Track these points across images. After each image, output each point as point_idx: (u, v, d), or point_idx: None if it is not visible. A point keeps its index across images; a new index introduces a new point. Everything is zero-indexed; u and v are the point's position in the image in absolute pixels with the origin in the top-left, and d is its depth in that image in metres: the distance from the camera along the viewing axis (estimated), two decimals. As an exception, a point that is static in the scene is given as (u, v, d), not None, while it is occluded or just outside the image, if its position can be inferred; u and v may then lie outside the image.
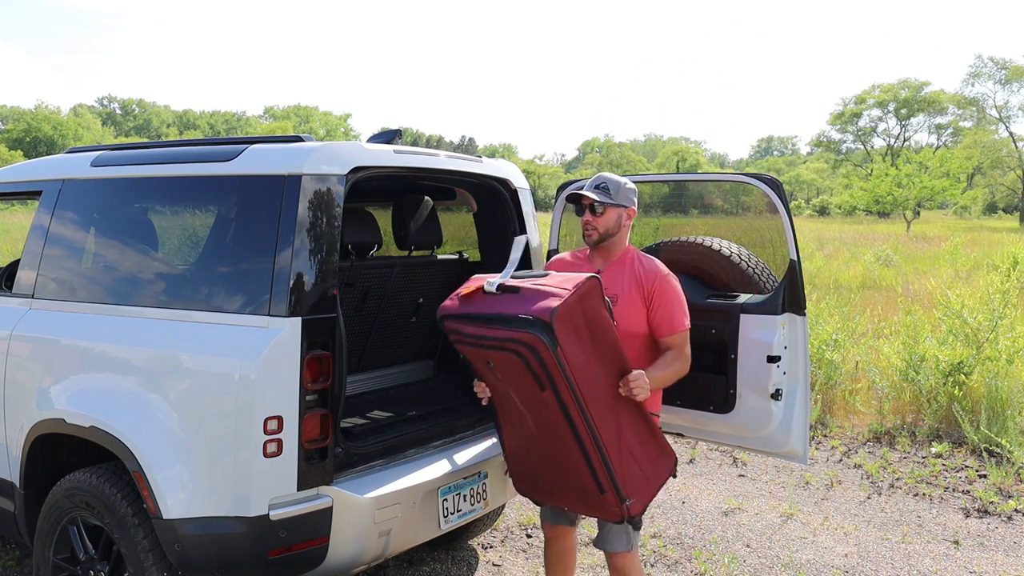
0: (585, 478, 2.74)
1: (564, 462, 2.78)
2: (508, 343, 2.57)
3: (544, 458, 2.87)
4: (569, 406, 2.60)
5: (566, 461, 2.77)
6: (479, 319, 2.67)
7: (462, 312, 2.75)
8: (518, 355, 2.56)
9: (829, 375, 6.92)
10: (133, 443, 2.82)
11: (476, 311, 2.70)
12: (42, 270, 3.44)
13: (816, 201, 77.17)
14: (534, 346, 2.50)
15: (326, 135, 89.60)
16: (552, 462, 2.84)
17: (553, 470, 2.86)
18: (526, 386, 2.66)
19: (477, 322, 2.68)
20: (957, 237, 22.76)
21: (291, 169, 2.81)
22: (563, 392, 2.58)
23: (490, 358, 2.69)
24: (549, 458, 2.84)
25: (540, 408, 2.70)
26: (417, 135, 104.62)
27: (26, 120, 71.17)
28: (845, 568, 4.21)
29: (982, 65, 61.59)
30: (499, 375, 2.75)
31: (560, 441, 2.73)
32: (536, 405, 2.71)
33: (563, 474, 2.83)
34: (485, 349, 2.68)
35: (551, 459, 2.83)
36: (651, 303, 2.98)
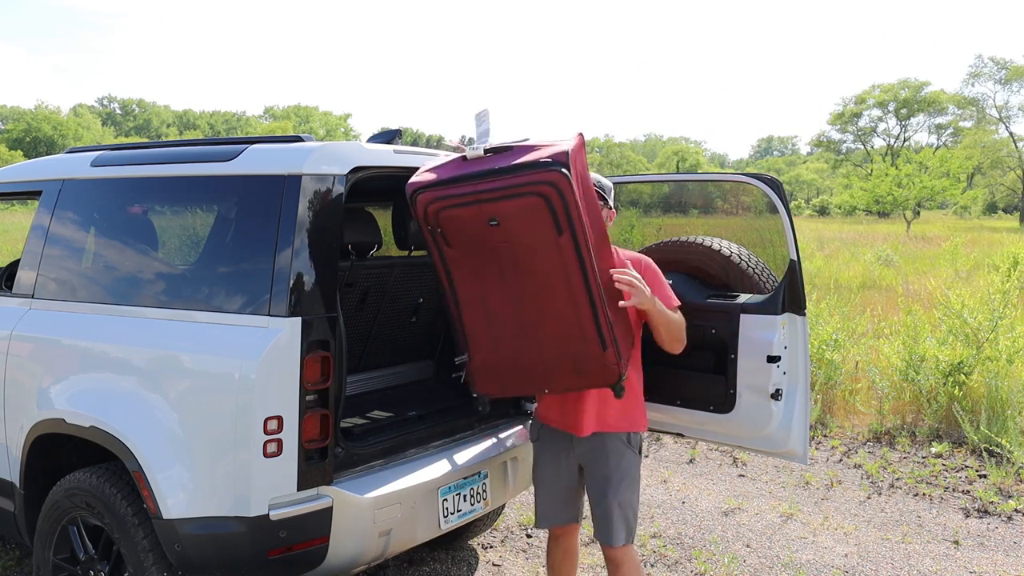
0: (590, 333, 2.64)
1: (563, 325, 2.66)
2: (528, 186, 2.48)
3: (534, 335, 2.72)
4: (583, 249, 2.54)
5: (566, 323, 2.66)
6: (476, 177, 2.55)
7: (447, 177, 2.60)
8: (541, 196, 2.47)
9: (829, 375, 6.92)
10: (133, 443, 2.82)
11: (471, 171, 2.57)
12: (42, 270, 3.44)
13: (816, 201, 77.15)
14: (559, 184, 2.45)
15: (326, 135, 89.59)
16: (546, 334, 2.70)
17: (546, 346, 2.72)
18: (535, 236, 2.54)
19: (474, 180, 2.55)
20: (957, 237, 22.76)
21: (291, 169, 2.81)
22: (579, 234, 2.52)
23: (496, 213, 2.53)
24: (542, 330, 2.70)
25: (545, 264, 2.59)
26: (417, 135, 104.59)
27: (26, 120, 71.16)
28: (845, 568, 4.21)
29: (982, 65, 61.62)
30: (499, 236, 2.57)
31: (562, 300, 2.63)
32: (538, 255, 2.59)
33: (559, 342, 2.70)
34: (489, 203, 2.52)
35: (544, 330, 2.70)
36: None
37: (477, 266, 2.71)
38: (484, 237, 2.62)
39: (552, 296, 2.65)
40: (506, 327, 2.76)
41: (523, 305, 2.70)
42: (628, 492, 3.03)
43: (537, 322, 2.71)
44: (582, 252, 2.56)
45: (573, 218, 2.51)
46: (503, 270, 2.68)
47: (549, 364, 2.76)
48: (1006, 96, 77.54)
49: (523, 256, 2.62)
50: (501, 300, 2.73)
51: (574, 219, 2.51)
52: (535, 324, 2.71)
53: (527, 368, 2.80)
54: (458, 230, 2.66)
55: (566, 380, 2.82)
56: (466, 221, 2.62)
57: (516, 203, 2.52)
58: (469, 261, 2.71)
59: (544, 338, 2.72)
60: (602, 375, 2.74)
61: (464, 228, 2.64)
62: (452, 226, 2.66)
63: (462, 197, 2.57)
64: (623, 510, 3.02)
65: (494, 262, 2.67)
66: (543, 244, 2.57)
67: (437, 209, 2.62)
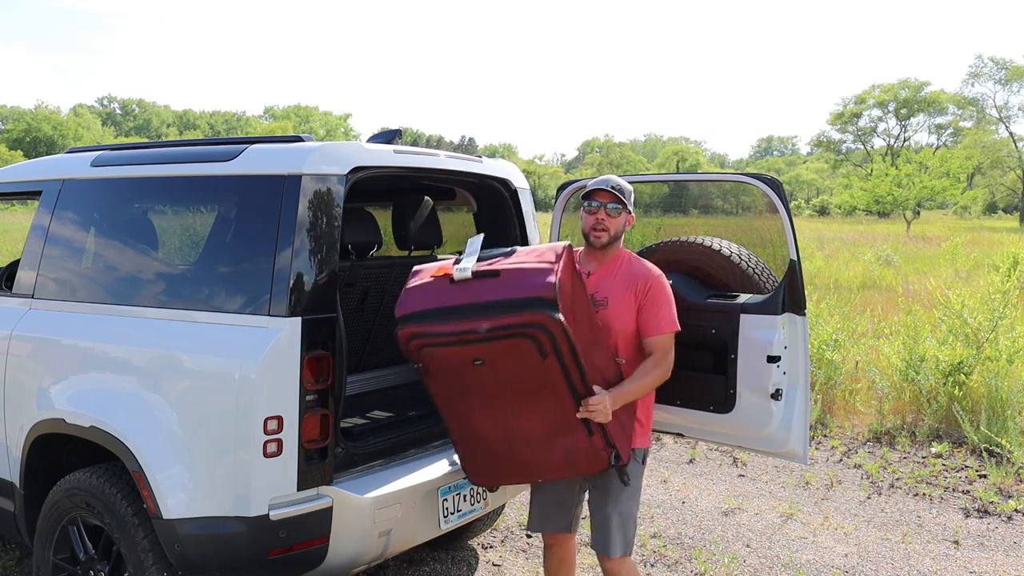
0: (576, 427, 2.70)
1: (550, 425, 2.70)
2: (515, 329, 2.48)
3: (523, 440, 2.75)
4: (569, 365, 2.58)
5: (553, 422, 2.70)
6: (461, 314, 2.53)
7: (432, 309, 2.59)
8: (530, 338, 2.49)
9: (829, 375, 6.92)
10: (133, 443, 2.82)
11: (457, 303, 2.55)
12: (42, 270, 3.44)
13: (816, 201, 77.16)
14: (546, 325, 2.47)
15: (326, 135, 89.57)
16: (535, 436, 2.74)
17: (534, 443, 2.75)
18: (521, 366, 2.56)
19: (459, 318, 2.53)
20: (957, 237, 22.76)
21: (291, 169, 2.81)
22: (565, 355, 2.55)
23: (480, 354, 2.54)
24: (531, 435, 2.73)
25: (530, 380, 2.60)
26: (417, 135, 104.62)
27: (26, 120, 71.16)
28: (845, 568, 4.21)
29: (982, 65, 61.62)
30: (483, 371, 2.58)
31: (548, 405, 2.66)
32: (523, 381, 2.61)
33: (548, 440, 2.74)
34: (473, 344, 2.52)
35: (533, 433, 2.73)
36: (641, 302, 2.95)
37: (460, 393, 2.73)
38: (467, 375, 2.64)
39: (538, 404, 2.69)
40: (495, 440, 2.80)
41: (510, 419, 2.73)
42: (628, 503, 3.00)
43: (525, 429, 2.74)
44: (567, 367, 2.59)
45: (559, 346, 2.52)
46: (486, 395, 2.69)
47: (540, 461, 2.81)
48: (1006, 96, 77.67)
49: (507, 382, 2.63)
50: (487, 420, 2.76)
51: (560, 346, 2.53)
52: (523, 431, 2.75)
53: (520, 468, 2.88)
54: (440, 367, 2.66)
55: (559, 471, 2.87)
56: (449, 358, 2.62)
57: (502, 344, 2.52)
58: (452, 389, 2.74)
59: (533, 440, 2.76)
60: (591, 462, 2.80)
61: (447, 364, 2.64)
62: (434, 362, 2.65)
63: (446, 337, 2.56)
64: (622, 520, 2.99)
65: (477, 391, 2.69)
66: (529, 369, 2.58)
67: (419, 345, 2.62)
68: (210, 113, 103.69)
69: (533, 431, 2.74)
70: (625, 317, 2.95)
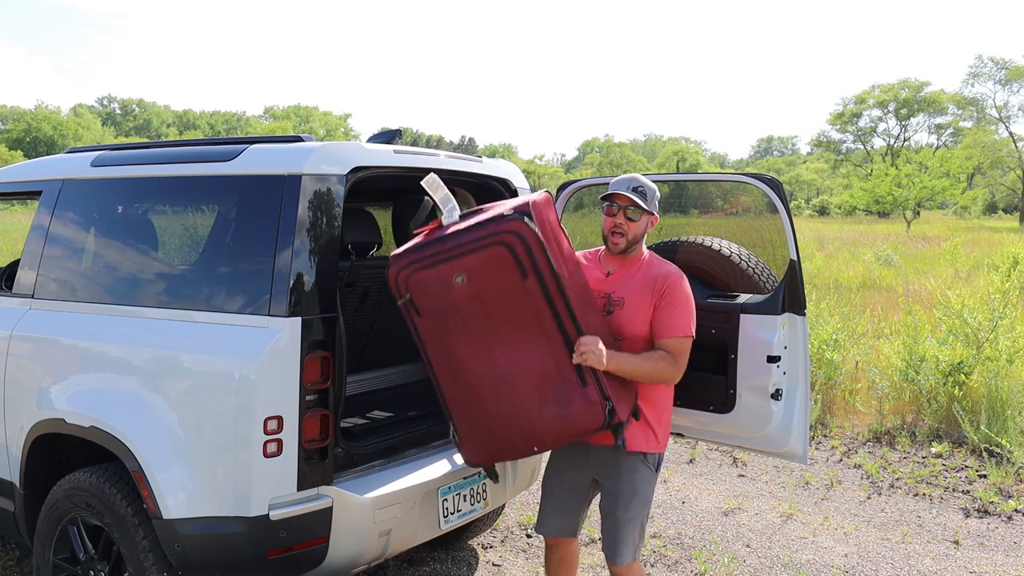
0: (567, 371, 2.65)
1: (539, 365, 2.67)
2: (490, 238, 2.58)
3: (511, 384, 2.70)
4: (553, 293, 2.61)
5: (543, 363, 2.66)
6: (444, 238, 2.66)
7: (418, 243, 2.72)
8: (504, 244, 2.57)
9: (829, 375, 6.92)
10: (133, 443, 2.82)
11: (441, 234, 2.69)
12: (42, 270, 3.44)
13: (816, 201, 77.13)
14: (520, 232, 2.56)
15: (326, 135, 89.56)
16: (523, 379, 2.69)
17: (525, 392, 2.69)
18: (502, 283, 2.61)
19: (443, 240, 2.65)
20: (957, 237, 22.76)
21: (291, 169, 2.81)
22: (547, 278, 2.60)
23: (462, 268, 2.61)
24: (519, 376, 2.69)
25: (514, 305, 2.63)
26: (417, 135, 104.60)
27: (26, 120, 71.18)
28: (845, 568, 4.21)
29: (982, 65, 61.59)
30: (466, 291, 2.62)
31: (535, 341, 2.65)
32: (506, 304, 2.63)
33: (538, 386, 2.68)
34: (456, 259, 2.61)
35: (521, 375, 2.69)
36: (657, 303, 2.86)
37: (444, 329, 2.72)
38: (450, 297, 2.66)
39: (525, 338, 2.67)
40: (482, 384, 2.73)
41: (495, 355, 2.70)
42: (638, 509, 2.96)
43: (513, 368, 2.69)
44: (551, 294, 2.62)
45: (538, 262, 2.59)
46: (468, 328, 2.69)
47: (532, 415, 2.70)
48: (1006, 96, 77.56)
49: (493, 307, 2.65)
50: (474, 357, 2.72)
51: (539, 263, 2.59)
52: (511, 371, 2.70)
53: (511, 423, 2.73)
54: (425, 294, 2.69)
55: (552, 427, 2.71)
56: (432, 282, 2.67)
57: (480, 256, 2.60)
58: (437, 326, 2.73)
59: (522, 384, 2.69)
60: (586, 416, 2.67)
61: (430, 290, 2.68)
62: (420, 291, 2.69)
63: (429, 258, 2.66)
64: (631, 527, 2.97)
65: (460, 320, 2.69)
66: (511, 290, 2.63)
67: (407, 275, 2.69)
68: (210, 113, 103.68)
69: (522, 374, 2.68)
70: (641, 319, 2.87)
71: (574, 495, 3.11)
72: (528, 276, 2.60)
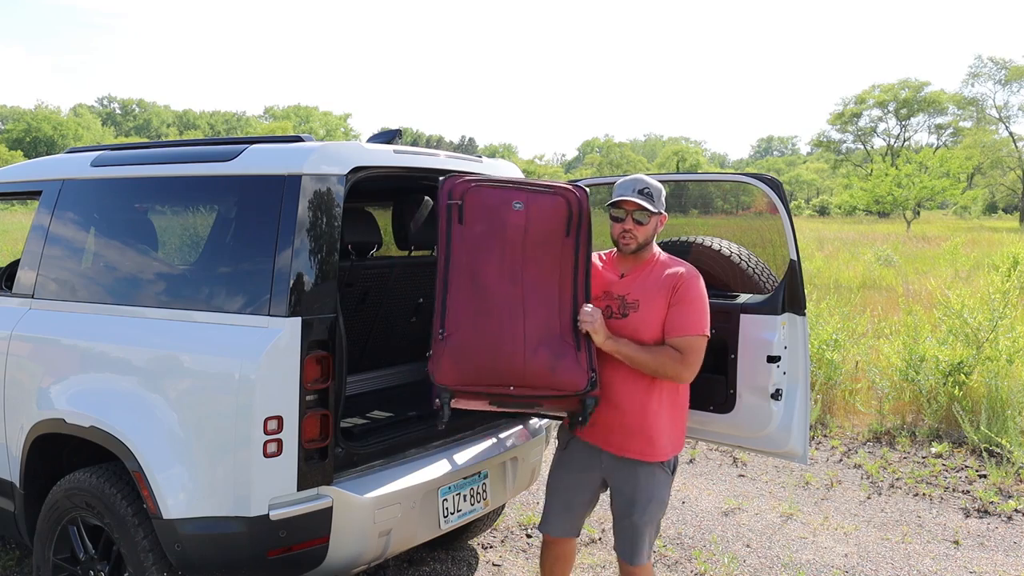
0: (568, 331, 2.82)
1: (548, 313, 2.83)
2: (556, 191, 2.89)
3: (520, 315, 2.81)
4: (580, 255, 2.89)
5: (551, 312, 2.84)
6: (513, 180, 2.98)
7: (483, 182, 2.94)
8: (565, 199, 2.87)
9: (829, 375, 6.92)
10: (133, 443, 2.82)
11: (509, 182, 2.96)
12: (42, 270, 3.44)
13: (816, 201, 77.13)
14: (580, 197, 2.89)
15: (326, 135, 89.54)
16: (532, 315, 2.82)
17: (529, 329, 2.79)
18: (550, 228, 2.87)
19: (512, 180, 2.96)
20: (957, 237, 22.77)
21: (291, 169, 2.82)
22: (581, 243, 2.88)
23: (524, 199, 2.87)
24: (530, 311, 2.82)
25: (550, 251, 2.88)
26: (417, 135, 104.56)
27: (26, 120, 71.16)
28: (845, 568, 4.21)
29: (982, 65, 61.55)
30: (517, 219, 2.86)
31: (553, 290, 2.86)
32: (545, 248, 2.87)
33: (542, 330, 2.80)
34: (520, 191, 2.88)
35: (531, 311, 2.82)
36: (671, 300, 2.85)
37: (482, 242, 2.87)
38: (501, 218, 2.86)
39: (546, 285, 2.87)
40: (500, 303, 2.83)
41: (516, 285, 2.86)
42: (655, 513, 2.96)
43: (527, 301, 2.84)
44: (579, 256, 2.89)
45: (581, 229, 2.89)
46: (505, 251, 2.86)
47: (528, 352, 2.77)
48: (1006, 96, 77.56)
49: (531, 243, 2.87)
50: (496, 277, 2.85)
51: (582, 230, 2.89)
52: (525, 302, 2.84)
53: (504, 353, 2.77)
54: (478, 207, 2.89)
55: (538, 371, 2.76)
56: (490, 200, 2.89)
57: (543, 197, 2.90)
58: (475, 237, 2.88)
59: (531, 320, 2.82)
60: (572, 374, 2.77)
61: (485, 206, 2.89)
62: (474, 203, 2.89)
63: (495, 185, 2.92)
64: (649, 529, 2.97)
65: (500, 243, 2.86)
66: (553, 238, 2.88)
67: (465, 189, 2.90)
68: (210, 113, 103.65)
69: (535, 313, 2.83)
70: (656, 320, 2.86)
71: (581, 496, 3.10)
72: (570, 234, 2.87)
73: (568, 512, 3.13)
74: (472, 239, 2.86)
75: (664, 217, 2.97)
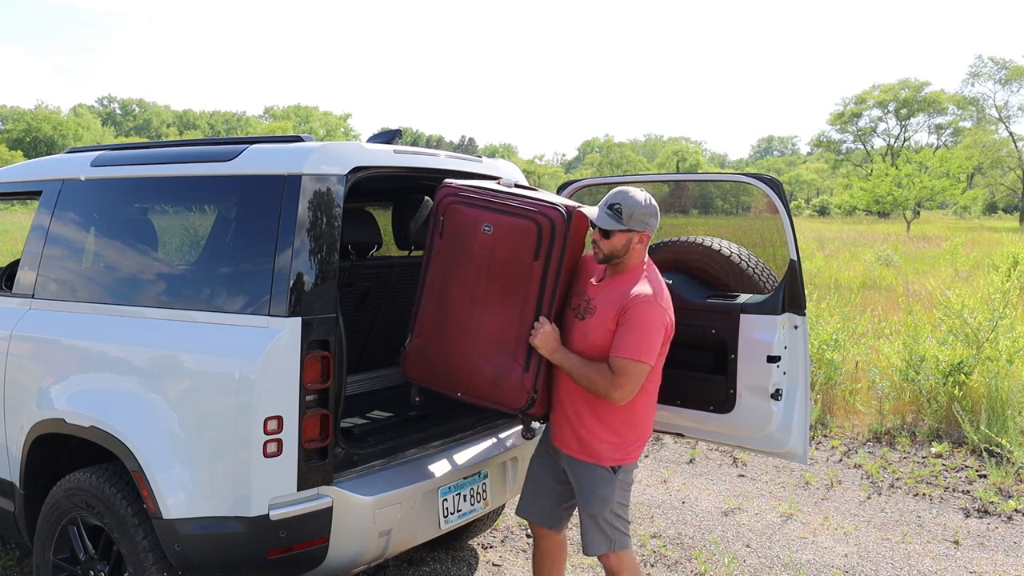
0: (520, 352, 2.96)
1: (501, 335, 2.97)
2: (529, 212, 2.92)
3: (473, 335, 3.01)
4: (548, 280, 2.93)
5: (505, 336, 2.97)
6: (497, 192, 3.01)
7: (479, 185, 3.05)
8: (536, 223, 2.90)
9: (829, 375, 6.92)
10: (133, 443, 2.82)
11: (492, 186, 3.06)
12: (42, 270, 3.44)
13: (816, 201, 77.11)
14: (555, 221, 2.89)
15: (326, 135, 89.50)
16: (483, 338, 2.99)
17: (478, 349, 3.00)
18: (516, 252, 2.92)
19: (495, 193, 3.01)
20: (957, 237, 22.77)
21: (291, 169, 2.82)
22: (551, 270, 2.92)
23: (493, 221, 2.95)
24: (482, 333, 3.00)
25: (515, 273, 2.94)
26: (417, 135, 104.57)
27: (26, 120, 71.12)
28: (845, 568, 4.21)
29: (982, 65, 61.55)
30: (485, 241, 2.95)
31: (512, 314, 2.96)
32: (509, 270, 2.95)
33: (491, 350, 2.98)
34: (494, 212, 2.95)
35: (484, 334, 2.99)
36: (620, 321, 2.85)
37: (452, 260, 3.04)
38: (471, 238, 2.99)
39: (505, 305, 2.98)
40: (452, 320, 3.05)
41: (476, 307, 3.01)
42: (597, 507, 3.01)
43: (482, 325, 3.01)
44: (547, 281, 2.93)
45: (552, 252, 2.91)
46: (471, 270, 3.01)
47: (474, 367, 3.02)
48: (1006, 96, 77.57)
49: (495, 265, 2.97)
50: (459, 296, 3.03)
51: (553, 253, 2.91)
52: (479, 326, 3.01)
53: (454, 364, 3.05)
54: (454, 223, 3.02)
55: (482, 384, 3.02)
56: (464, 218, 3.00)
57: (513, 220, 2.94)
58: (448, 254, 3.05)
59: (480, 341, 3.01)
60: (513, 395, 2.98)
61: (460, 223, 3.01)
62: (452, 219, 3.03)
63: (475, 199, 3.00)
64: (592, 523, 3.04)
65: (467, 262, 3.01)
66: (518, 262, 2.95)
67: (451, 201, 3.04)
68: (210, 113, 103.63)
69: (486, 331, 3.00)
70: (602, 330, 2.88)
71: (546, 484, 3.22)
72: (539, 258, 2.92)
73: (537, 499, 3.24)
74: (446, 255, 3.05)
75: (646, 235, 2.93)
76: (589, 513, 3.03)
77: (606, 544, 3.04)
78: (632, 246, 2.91)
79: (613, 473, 3.00)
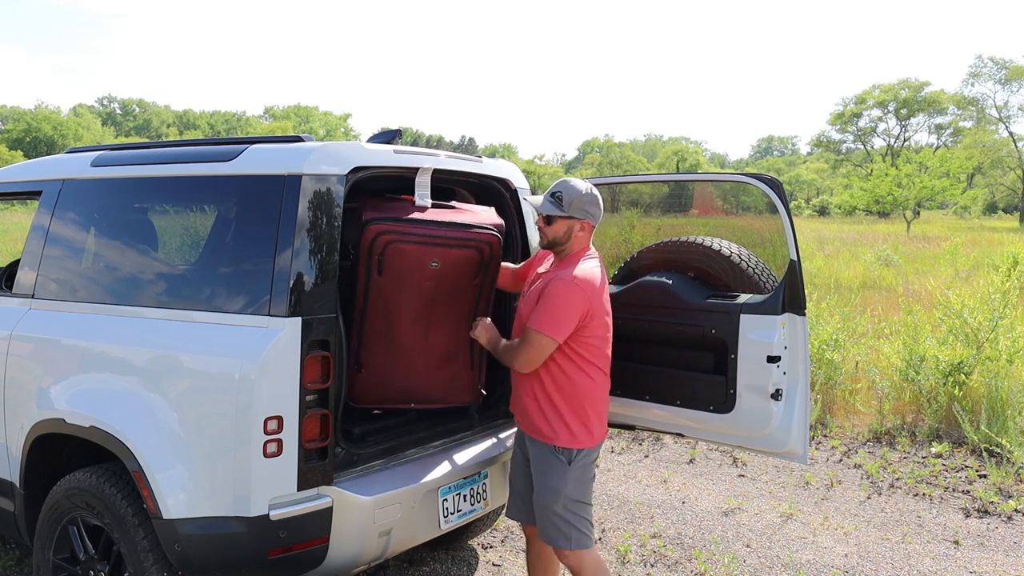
0: (463, 354, 3.37)
1: (455, 347, 3.34)
2: (470, 242, 3.15)
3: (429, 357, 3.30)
4: (487, 285, 3.31)
5: (458, 347, 3.35)
6: (433, 224, 3.11)
7: (404, 217, 3.09)
8: (479, 251, 3.18)
9: (829, 375, 6.92)
10: (133, 443, 2.82)
11: (429, 219, 3.13)
12: (42, 270, 3.44)
13: (816, 201, 77.08)
14: (492, 245, 3.21)
15: (326, 135, 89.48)
16: (439, 356, 3.32)
17: (433, 367, 3.32)
18: (461, 278, 3.21)
19: (432, 226, 3.10)
20: (957, 237, 22.77)
21: (291, 169, 2.82)
22: (489, 278, 3.30)
23: (440, 257, 3.11)
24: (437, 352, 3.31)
25: (461, 296, 3.26)
26: (417, 135, 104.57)
27: (26, 120, 71.11)
28: (845, 568, 4.21)
29: (982, 65, 61.54)
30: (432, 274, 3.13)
31: (460, 327, 3.30)
32: (456, 295, 3.25)
33: (446, 363, 3.34)
34: (440, 247, 3.10)
35: (439, 352, 3.32)
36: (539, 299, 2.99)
37: (396, 294, 3.14)
38: (419, 273, 3.13)
39: (453, 319, 3.30)
40: (400, 345, 3.23)
41: (425, 327, 3.26)
42: (549, 498, 3.02)
43: (431, 343, 3.29)
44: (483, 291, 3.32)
45: (490, 269, 3.27)
46: (418, 299, 3.18)
47: (430, 379, 3.34)
48: (1006, 96, 77.32)
49: (443, 291, 3.21)
50: (405, 322, 3.21)
51: (490, 270, 3.28)
52: (429, 346, 3.29)
53: (408, 382, 3.32)
54: (398, 262, 3.09)
55: (437, 395, 3.39)
56: (409, 256, 3.09)
57: (460, 252, 3.15)
58: (391, 291, 3.14)
59: (433, 357, 3.31)
60: (466, 391, 3.45)
61: (404, 262, 3.09)
62: (395, 258, 3.08)
63: (416, 236, 3.08)
64: (545, 515, 3.04)
65: (415, 293, 3.17)
66: (465, 283, 3.25)
67: (387, 241, 3.04)
68: (210, 113, 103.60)
69: (440, 347, 3.31)
70: (529, 309, 3.03)
71: (519, 477, 3.26)
72: (478, 276, 3.25)
73: (520, 498, 3.27)
74: (388, 291, 3.13)
75: (587, 223, 3.07)
76: (540, 503, 3.05)
77: (563, 541, 3.04)
78: (574, 233, 3.06)
79: (567, 464, 3.00)
